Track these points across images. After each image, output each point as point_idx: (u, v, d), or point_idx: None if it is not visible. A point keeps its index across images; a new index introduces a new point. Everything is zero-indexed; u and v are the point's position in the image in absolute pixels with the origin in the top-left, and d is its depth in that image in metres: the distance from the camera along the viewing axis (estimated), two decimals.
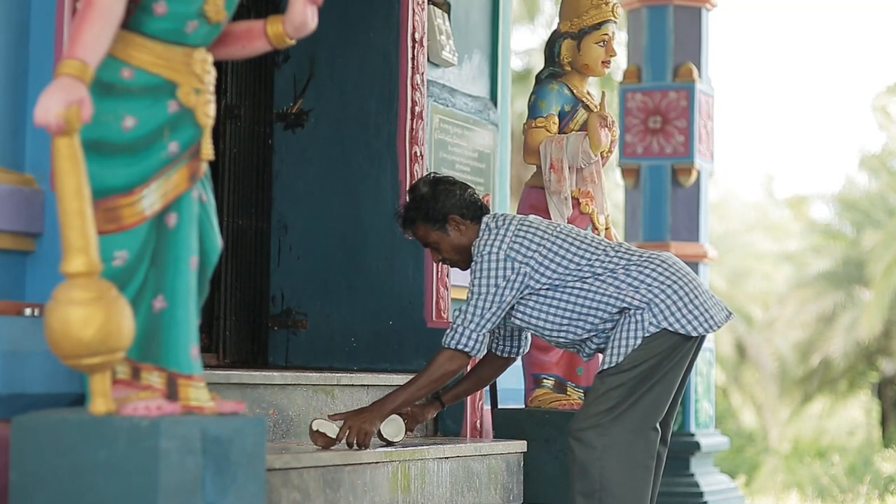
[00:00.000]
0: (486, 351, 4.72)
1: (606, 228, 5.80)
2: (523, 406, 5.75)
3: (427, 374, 4.68)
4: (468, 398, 5.51)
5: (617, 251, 4.68)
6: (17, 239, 3.85)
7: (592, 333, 4.67)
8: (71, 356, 3.30)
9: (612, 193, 18.20)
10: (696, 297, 4.61)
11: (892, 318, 21.07)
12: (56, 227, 3.41)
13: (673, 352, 4.59)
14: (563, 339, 4.72)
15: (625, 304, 4.59)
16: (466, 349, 4.62)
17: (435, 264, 5.71)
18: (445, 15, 6.51)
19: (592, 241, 4.72)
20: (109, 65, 3.47)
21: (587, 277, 4.62)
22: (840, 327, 21.98)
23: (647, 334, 4.55)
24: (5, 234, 3.82)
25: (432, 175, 4.86)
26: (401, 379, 5.48)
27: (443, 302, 5.75)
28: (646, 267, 4.62)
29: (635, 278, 4.60)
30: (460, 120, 6.65)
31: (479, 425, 5.61)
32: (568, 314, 4.65)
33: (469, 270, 4.72)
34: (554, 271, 4.64)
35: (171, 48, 3.55)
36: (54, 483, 3.38)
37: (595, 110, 5.79)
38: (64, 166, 3.27)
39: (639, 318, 4.56)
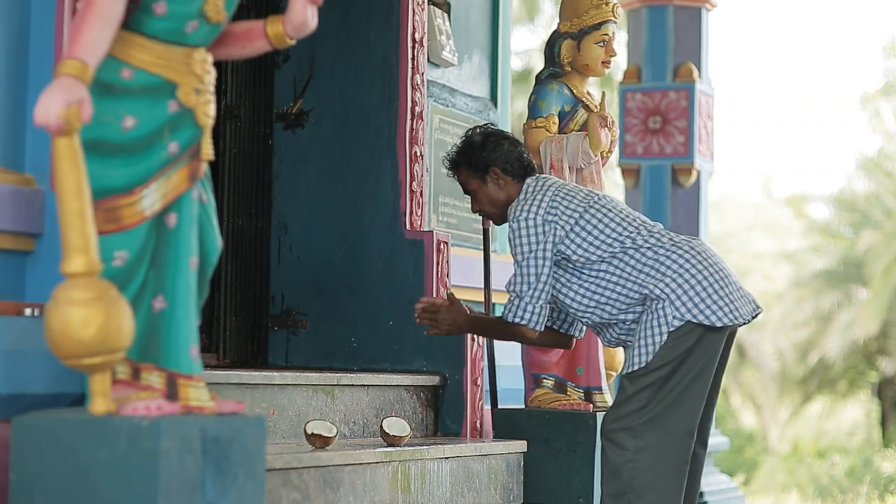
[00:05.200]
0: (544, 322, 4.64)
1: None
2: (523, 406, 5.75)
3: (501, 329, 4.76)
4: (468, 398, 5.54)
5: (650, 231, 4.60)
6: (17, 239, 3.85)
7: (616, 318, 4.59)
8: (71, 356, 3.30)
9: (612, 193, 18.19)
10: (722, 287, 4.50)
11: (889, 318, 21.08)
12: (56, 227, 3.41)
13: (700, 345, 4.47)
14: (587, 320, 4.67)
15: (646, 292, 4.50)
16: (524, 322, 4.59)
17: (435, 266, 5.71)
18: (445, 15, 6.51)
19: (628, 216, 4.65)
20: (109, 65, 3.47)
21: (617, 254, 4.55)
22: (838, 326, 21.99)
23: (671, 329, 4.45)
24: (5, 234, 3.82)
25: (489, 126, 4.89)
26: (401, 379, 5.50)
27: None
28: (673, 252, 4.53)
29: (662, 263, 4.51)
30: (460, 120, 6.65)
31: (479, 425, 5.61)
32: (595, 296, 4.58)
33: (508, 239, 4.68)
34: (589, 244, 4.57)
35: (172, 48, 3.55)
36: (54, 483, 3.38)
37: (595, 110, 5.80)
38: (64, 166, 3.27)
39: (661, 312, 4.46)
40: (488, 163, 4.74)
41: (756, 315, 4.64)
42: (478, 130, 4.84)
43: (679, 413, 4.48)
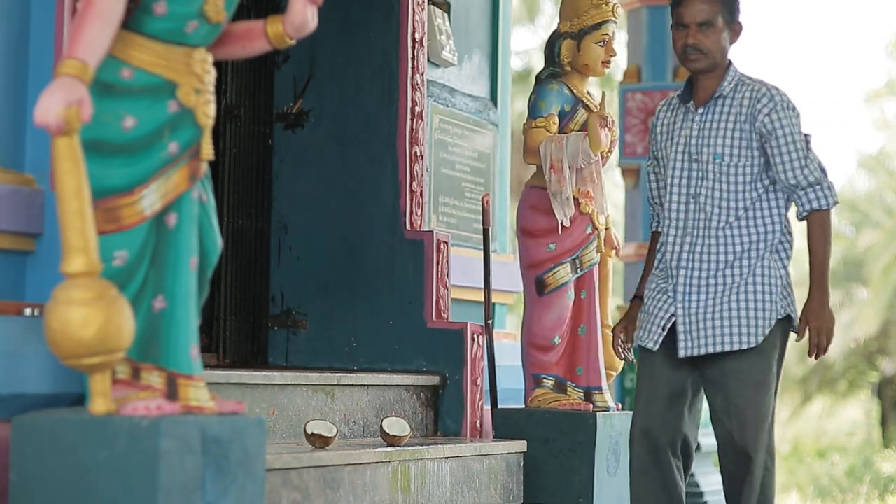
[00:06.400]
0: None
1: (606, 228, 5.80)
2: (523, 406, 5.75)
3: (824, 242, 4.54)
4: (468, 398, 5.54)
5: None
6: (17, 239, 3.85)
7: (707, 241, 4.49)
8: (71, 356, 3.30)
9: (612, 193, 18.19)
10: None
11: (889, 318, 21.08)
12: (56, 227, 3.41)
13: (784, 350, 4.47)
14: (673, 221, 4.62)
15: (760, 260, 4.45)
16: (836, 202, 4.55)
17: (435, 266, 5.70)
18: (445, 15, 6.51)
19: None
20: (109, 65, 3.47)
21: (759, 196, 4.51)
22: (838, 326, 21.94)
23: (780, 316, 4.43)
24: (5, 234, 3.82)
25: None
26: (401, 379, 5.50)
27: (443, 302, 5.75)
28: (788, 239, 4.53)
29: (785, 248, 4.52)
30: (460, 120, 6.65)
31: (479, 425, 5.61)
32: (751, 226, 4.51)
33: (779, 117, 4.52)
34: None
35: (172, 48, 3.55)
36: (54, 483, 3.38)
37: (595, 110, 5.79)
38: (64, 166, 3.27)
39: (777, 295, 4.42)
40: (739, 19, 4.67)
41: None
42: None
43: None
